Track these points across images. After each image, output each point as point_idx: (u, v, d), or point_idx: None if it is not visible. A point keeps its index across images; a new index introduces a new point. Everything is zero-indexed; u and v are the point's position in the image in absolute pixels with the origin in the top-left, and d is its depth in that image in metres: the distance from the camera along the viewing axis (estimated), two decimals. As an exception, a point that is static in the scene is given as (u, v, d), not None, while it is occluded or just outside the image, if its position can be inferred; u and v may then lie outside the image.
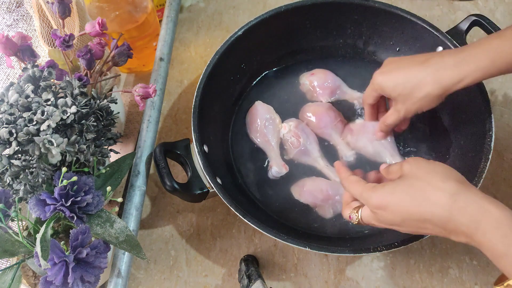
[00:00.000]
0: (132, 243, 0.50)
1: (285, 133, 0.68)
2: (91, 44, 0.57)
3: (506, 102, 0.76)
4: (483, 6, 0.86)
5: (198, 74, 0.80)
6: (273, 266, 0.63)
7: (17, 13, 0.68)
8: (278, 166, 0.65)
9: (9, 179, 0.48)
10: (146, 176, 0.62)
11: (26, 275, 0.58)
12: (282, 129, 0.68)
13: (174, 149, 0.61)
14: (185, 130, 0.76)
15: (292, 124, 0.68)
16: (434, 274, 0.62)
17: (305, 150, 0.66)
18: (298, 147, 0.66)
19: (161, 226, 0.68)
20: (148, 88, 0.57)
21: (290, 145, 0.67)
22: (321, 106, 0.70)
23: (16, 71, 0.63)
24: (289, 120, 0.69)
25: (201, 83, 0.64)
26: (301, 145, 0.66)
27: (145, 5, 0.71)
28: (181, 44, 0.85)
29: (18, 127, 0.47)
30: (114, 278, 0.54)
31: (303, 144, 0.66)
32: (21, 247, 0.49)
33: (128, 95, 0.78)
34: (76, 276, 0.45)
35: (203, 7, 0.90)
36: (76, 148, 0.49)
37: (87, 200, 0.48)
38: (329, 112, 0.69)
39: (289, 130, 0.67)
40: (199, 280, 0.64)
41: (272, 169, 0.66)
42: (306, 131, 0.68)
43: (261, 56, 0.74)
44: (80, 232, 0.47)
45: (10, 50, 0.54)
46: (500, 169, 0.70)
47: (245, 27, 0.69)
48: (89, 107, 0.51)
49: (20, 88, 0.50)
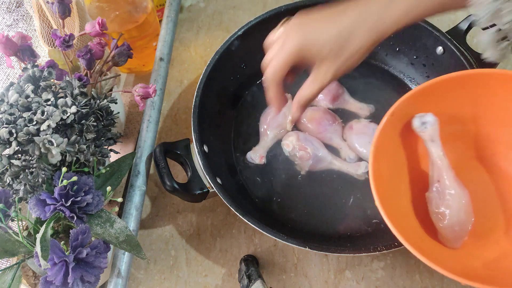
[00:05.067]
0: (132, 243, 0.50)
1: (290, 150, 0.66)
2: (91, 44, 0.57)
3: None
4: (483, 6, 0.86)
5: (198, 74, 0.80)
6: (273, 266, 0.63)
7: (17, 13, 0.68)
8: (256, 154, 0.67)
9: (9, 179, 0.48)
10: (146, 176, 0.62)
11: (26, 275, 0.58)
12: (285, 148, 0.67)
13: (174, 149, 0.61)
14: (185, 130, 0.76)
15: (293, 139, 0.66)
16: (434, 274, 0.62)
17: (317, 158, 0.65)
18: (309, 158, 0.65)
19: (161, 226, 0.68)
20: (148, 88, 0.58)
21: (301, 160, 0.65)
22: (317, 110, 0.69)
23: (16, 71, 0.63)
24: (287, 136, 0.67)
25: (201, 83, 0.64)
26: (311, 156, 0.65)
27: (145, 5, 0.71)
28: (181, 44, 0.85)
29: (18, 127, 0.47)
30: (114, 278, 0.54)
31: (313, 153, 0.65)
32: (21, 247, 0.49)
33: (128, 95, 0.78)
34: (76, 276, 0.45)
35: (203, 7, 0.90)
36: (76, 148, 0.49)
37: (87, 200, 0.48)
38: (327, 116, 0.68)
39: (293, 147, 0.66)
40: (199, 280, 0.64)
41: (251, 153, 0.67)
42: (309, 139, 0.66)
43: (261, 56, 0.73)
44: (80, 232, 0.47)
45: (10, 50, 0.54)
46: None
47: (245, 27, 0.69)
48: (89, 107, 0.51)
49: (20, 88, 0.50)
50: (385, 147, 0.50)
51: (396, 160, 0.52)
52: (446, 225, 0.49)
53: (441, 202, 0.49)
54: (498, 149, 0.53)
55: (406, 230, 0.45)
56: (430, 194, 0.51)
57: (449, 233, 0.49)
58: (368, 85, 0.73)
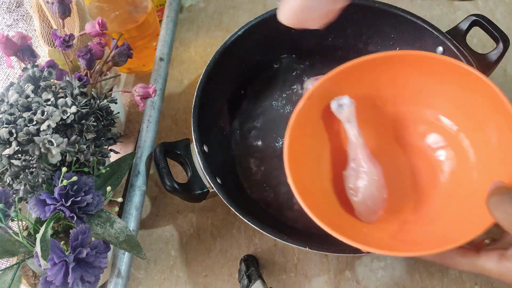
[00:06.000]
0: (132, 243, 0.50)
1: None
2: (91, 44, 0.57)
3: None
4: (483, 6, 0.86)
5: (198, 74, 0.80)
6: (273, 266, 0.63)
7: (17, 13, 0.68)
8: None
9: (9, 179, 0.48)
10: (146, 176, 0.62)
11: (26, 275, 0.58)
12: None
13: (174, 149, 0.61)
14: (185, 130, 0.76)
15: None
16: (434, 274, 0.62)
17: None
18: None
19: (161, 226, 0.68)
20: (148, 88, 0.58)
21: None
22: None
23: (16, 71, 0.63)
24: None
25: (201, 83, 0.64)
26: None
27: (145, 5, 0.71)
28: (181, 44, 0.85)
29: (18, 127, 0.47)
30: (114, 278, 0.54)
31: None
32: (21, 247, 0.49)
33: (128, 95, 0.78)
34: (76, 276, 0.45)
35: (203, 7, 0.90)
36: (76, 148, 0.49)
37: (87, 200, 0.48)
38: None
39: None
40: (199, 280, 0.64)
41: None
42: None
43: (261, 56, 0.74)
44: (80, 232, 0.47)
45: (10, 50, 0.54)
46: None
47: (245, 27, 0.68)
48: (89, 107, 0.51)
49: (20, 88, 0.50)
50: (304, 129, 0.52)
51: (317, 142, 0.55)
52: (359, 200, 0.52)
53: (355, 179, 0.52)
54: (410, 127, 0.56)
55: (322, 208, 0.49)
56: (346, 172, 0.53)
57: (362, 208, 0.52)
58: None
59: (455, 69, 0.49)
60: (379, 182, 0.52)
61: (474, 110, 0.50)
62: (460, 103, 0.51)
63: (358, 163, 0.52)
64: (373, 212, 0.52)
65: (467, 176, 0.50)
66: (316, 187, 0.52)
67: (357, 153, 0.52)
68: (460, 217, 0.48)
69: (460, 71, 0.48)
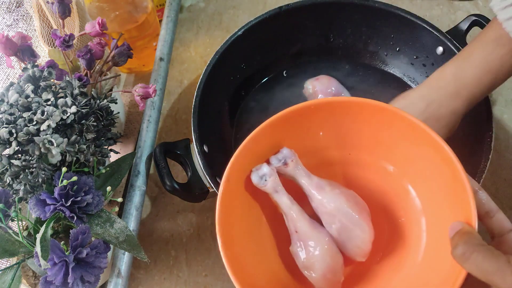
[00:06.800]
0: (132, 243, 0.50)
1: None
2: (91, 44, 0.57)
3: (506, 102, 0.76)
4: (483, 6, 0.86)
5: (198, 74, 0.80)
6: (273, 266, 0.63)
7: (17, 13, 0.68)
8: None
9: (9, 179, 0.48)
10: (146, 176, 0.62)
11: (26, 275, 0.58)
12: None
13: (174, 149, 0.61)
14: (185, 130, 0.76)
15: None
16: None
17: None
18: None
19: (161, 226, 0.68)
20: (148, 88, 0.58)
21: None
22: None
23: (16, 71, 0.63)
24: None
25: (201, 83, 0.64)
26: None
27: (145, 5, 0.71)
28: (181, 44, 0.85)
29: (18, 127, 0.47)
30: (114, 278, 0.54)
31: None
32: (21, 247, 0.49)
33: (128, 95, 0.78)
34: (76, 276, 0.45)
35: (203, 7, 0.90)
36: (76, 148, 0.49)
37: (87, 200, 0.48)
38: None
39: None
40: (199, 280, 0.64)
41: None
42: None
43: (261, 56, 0.74)
44: (80, 232, 0.47)
45: (10, 50, 0.54)
46: (500, 169, 0.70)
47: (245, 27, 0.69)
48: (89, 107, 0.51)
49: (20, 88, 0.50)
50: (234, 211, 0.45)
51: (252, 220, 0.47)
52: (318, 277, 0.45)
53: (305, 254, 0.45)
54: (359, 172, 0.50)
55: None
56: (292, 248, 0.46)
57: (323, 284, 0.45)
58: (368, 85, 0.73)
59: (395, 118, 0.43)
60: (331, 250, 0.45)
61: (414, 157, 0.44)
62: (400, 150, 0.45)
63: (301, 236, 0.45)
64: (336, 282, 0.45)
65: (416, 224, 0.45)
66: (267, 269, 0.46)
67: (296, 225, 0.45)
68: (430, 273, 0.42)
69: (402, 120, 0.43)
